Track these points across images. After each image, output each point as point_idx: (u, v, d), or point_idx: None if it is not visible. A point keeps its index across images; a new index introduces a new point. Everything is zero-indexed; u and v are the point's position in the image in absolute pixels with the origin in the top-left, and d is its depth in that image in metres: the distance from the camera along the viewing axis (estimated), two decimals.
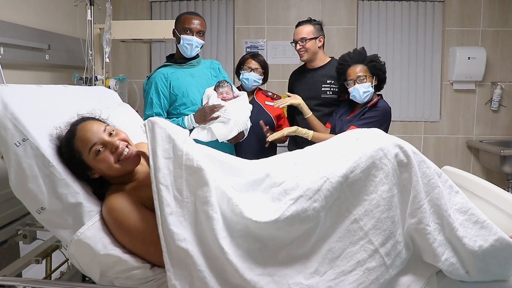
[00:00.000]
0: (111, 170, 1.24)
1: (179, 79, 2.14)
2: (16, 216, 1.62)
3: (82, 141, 1.22)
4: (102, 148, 1.22)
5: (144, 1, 3.88)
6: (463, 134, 3.84)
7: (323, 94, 2.34)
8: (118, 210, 1.18)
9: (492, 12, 3.70)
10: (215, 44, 3.89)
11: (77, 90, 1.60)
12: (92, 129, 1.24)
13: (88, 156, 1.22)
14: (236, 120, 2.04)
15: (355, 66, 2.10)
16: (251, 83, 2.34)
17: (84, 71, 2.61)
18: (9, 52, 2.36)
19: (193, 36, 2.13)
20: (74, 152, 1.22)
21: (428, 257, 1.13)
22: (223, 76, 2.32)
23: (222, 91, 2.12)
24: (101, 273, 1.16)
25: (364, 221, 1.12)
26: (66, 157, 1.23)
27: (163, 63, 2.25)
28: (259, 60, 2.36)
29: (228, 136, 2.04)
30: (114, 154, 1.24)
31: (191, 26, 2.12)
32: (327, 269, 1.11)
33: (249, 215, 1.11)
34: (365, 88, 2.06)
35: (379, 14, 3.79)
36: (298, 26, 2.37)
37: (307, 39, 2.30)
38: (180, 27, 2.15)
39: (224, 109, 2.03)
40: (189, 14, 2.17)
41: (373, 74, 2.09)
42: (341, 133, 1.39)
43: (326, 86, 2.33)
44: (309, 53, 2.34)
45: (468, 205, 1.17)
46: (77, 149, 1.22)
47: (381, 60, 2.13)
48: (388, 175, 1.14)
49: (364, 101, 2.10)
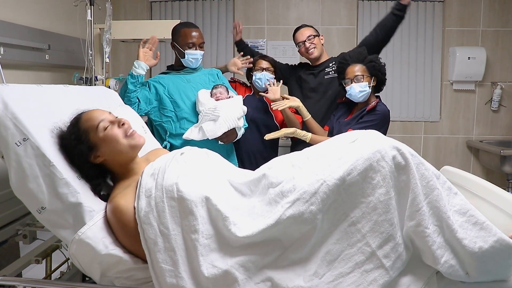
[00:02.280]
0: (119, 146, 1.26)
1: (175, 83, 2.16)
2: (16, 216, 1.62)
3: (89, 120, 1.27)
4: (109, 125, 1.27)
5: (144, 1, 3.88)
6: (463, 134, 3.84)
7: (326, 75, 2.41)
8: (124, 212, 1.18)
9: (492, 12, 3.70)
10: (215, 44, 3.88)
11: (77, 90, 1.60)
12: (97, 111, 1.31)
13: (95, 133, 1.25)
14: (225, 117, 2.04)
15: (354, 65, 2.09)
16: (264, 82, 2.35)
17: (84, 71, 2.60)
18: (9, 52, 2.36)
19: (197, 50, 2.15)
20: (81, 133, 1.25)
21: (427, 259, 1.13)
22: (223, 82, 2.32)
23: (216, 92, 2.14)
24: (102, 273, 1.17)
25: (362, 224, 1.12)
26: (69, 142, 1.24)
27: (163, 71, 2.29)
28: (269, 60, 2.41)
29: (217, 132, 2.03)
30: (121, 129, 1.28)
31: (194, 41, 2.14)
32: (326, 271, 1.11)
33: (246, 233, 1.11)
34: (361, 88, 2.05)
35: (379, 14, 3.78)
36: (299, 29, 2.47)
37: (313, 35, 2.42)
38: (182, 42, 2.15)
39: (215, 107, 2.04)
40: (188, 27, 2.18)
41: (372, 75, 2.08)
42: (339, 135, 1.39)
43: (328, 69, 2.41)
44: (318, 49, 2.43)
45: (467, 207, 1.17)
46: (83, 129, 1.25)
47: (381, 61, 2.13)
48: (386, 177, 1.13)
49: (360, 100, 2.09)
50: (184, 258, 1.11)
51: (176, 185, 1.17)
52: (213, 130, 2.02)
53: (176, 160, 1.28)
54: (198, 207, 1.15)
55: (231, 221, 1.13)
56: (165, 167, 1.24)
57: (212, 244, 1.12)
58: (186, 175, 1.22)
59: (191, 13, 3.85)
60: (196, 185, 1.19)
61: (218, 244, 1.13)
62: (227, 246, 1.13)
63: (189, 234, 1.12)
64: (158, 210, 1.14)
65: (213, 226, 1.14)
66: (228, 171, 1.38)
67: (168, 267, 1.09)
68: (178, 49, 2.18)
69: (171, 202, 1.16)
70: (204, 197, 1.16)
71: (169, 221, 1.13)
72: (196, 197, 1.16)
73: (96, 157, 1.27)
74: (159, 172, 1.23)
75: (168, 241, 1.11)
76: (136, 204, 1.18)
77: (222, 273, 1.08)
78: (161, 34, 2.57)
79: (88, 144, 1.25)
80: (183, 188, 1.16)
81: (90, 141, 1.25)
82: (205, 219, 1.14)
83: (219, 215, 1.14)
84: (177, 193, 1.16)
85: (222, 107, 2.05)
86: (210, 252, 1.11)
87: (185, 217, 1.14)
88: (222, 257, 1.11)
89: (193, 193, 1.16)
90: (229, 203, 1.20)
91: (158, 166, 1.26)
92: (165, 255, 1.11)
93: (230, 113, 2.06)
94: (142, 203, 1.16)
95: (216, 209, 1.14)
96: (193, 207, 1.14)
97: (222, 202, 1.17)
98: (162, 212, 1.14)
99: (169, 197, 1.16)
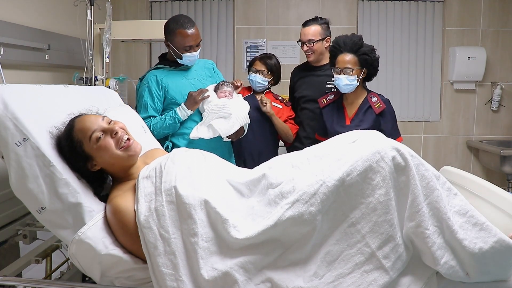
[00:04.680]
0: (114, 157, 1.25)
1: (174, 82, 2.11)
2: (16, 216, 1.62)
3: (81, 130, 1.24)
4: (102, 135, 1.24)
5: (144, 1, 3.88)
6: (463, 134, 3.84)
7: (326, 91, 2.34)
8: (123, 212, 1.18)
9: (492, 12, 3.70)
10: (215, 44, 3.88)
11: (77, 90, 1.60)
12: (90, 119, 1.27)
13: (89, 144, 1.23)
14: (237, 114, 2.04)
15: (345, 54, 2.04)
16: (255, 84, 2.35)
17: (84, 71, 2.60)
18: (9, 52, 2.36)
19: (195, 52, 2.07)
20: (75, 144, 1.23)
21: (427, 260, 1.13)
22: (218, 76, 2.31)
23: (226, 91, 2.12)
24: (102, 273, 1.17)
25: (361, 225, 1.12)
26: (66, 151, 1.23)
27: (156, 65, 2.19)
28: (265, 63, 2.35)
29: (231, 130, 2.03)
30: (114, 139, 1.26)
31: (192, 43, 2.03)
32: (326, 271, 1.11)
33: (245, 234, 1.11)
34: (349, 81, 2.03)
35: (379, 14, 3.79)
36: (305, 25, 2.38)
37: (314, 41, 2.32)
38: (178, 44, 2.03)
39: (223, 104, 2.02)
40: (184, 28, 2.01)
41: (363, 67, 2.04)
42: (339, 135, 1.38)
43: (330, 84, 2.34)
44: (316, 55, 2.37)
45: (467, 207, 1.16)
46: (77, 140, 1.23)
47: (375, 54, 2.07)
48: (385, 178, 1.13)
49: (345, 92, 2.08)
50: (184, 262, 1.11)
51: (175, 189, 1.17)
52: (227, 128, 2.02)
53: (173, 162, 1.28)
54: (197, 210, 1.14)
55: (231, 224, 1.13)
56: (162, 169, 1.24)
57: (212, 247, 1.12)
58: (184, 177, 1.22)
59: (191, 13, 3.84)
60: (194, 188, 1.19)
61: (218, 246, 1.13)
62: (226, 248, 1.12)
63: (188, 237, 1.12)
64: (158, 214, 1.14)
65: (213, 229, 1.14)
66: (226, 171, 1.38)
67: (168, 271, 1.09)
68: (174, 51, 2.06)
69: (171, 205, 1.16)
70: (203, 200, 1.16)
71: (169, 224, 1.13)
72: (195, 201, 1.16)
73: (93, 166, 1.27)
74: (156, 175, 1.23)
75: (168, 244, 1.11)
76: (136, 207, 1.18)
77: (222, 275, 1.08)
78: (161, 34, 2.57)
79: (83, 154, 1.24)
80: (181, 192, 1.16)
81: (85, 152, 1.24)
82: (204, 222, 1.14)
83: (218, 218, 1.14)
84: (176, 196, 1.16)
85: (232, 104, 2.04)
86: (210, 255, 1.11)
87: (184, 220, 1.14)
88: (222, 259, 1.11)
89: (192, 197, 1.16)
90: (228, 204, 1.20)
91: (154, 168, 1.26)
92: (165, 258, 1.10)
93: (241, 110, 2.07)
94: (142, 207, 1.16)
95: (215, 211, 1.14)
96: (191, 210, 1.14)
97: (221, 204, 1.17)
98: (162, 216, 1.14)
99: (168, 201, 1.16)
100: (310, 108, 2.39)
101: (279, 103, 2.42)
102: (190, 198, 1.16)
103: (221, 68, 3.85)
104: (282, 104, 2.42)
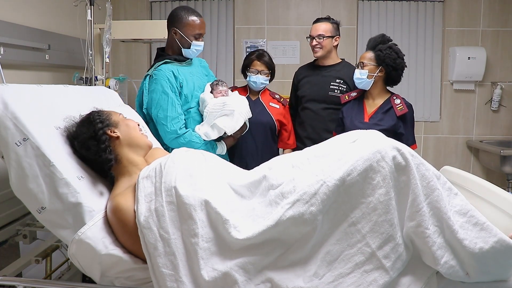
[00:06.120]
0: (135, 137, 1.37)
1: (187, 79, 2.06)
2: (16, 216, 1.62)
3: (110, 112, 1.40)
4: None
5: (144, 1, 3.88)
6: (463, 134, 3.84)
7: (330, 91, 2.35)
8: (124, 211, 1.18)
9: (492, 12, 3.69)
10: (215, 44, 3.88)
11: (77, 90, 1.60)
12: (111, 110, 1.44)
13: (117, 116, 1.39)
14: (240, 110, 2.04)
15: (368, 51, 2.12)
16: (259, 85, 2.33)
17: (84, 71, 2.60)
18: (9, 52, 2.36)
19: (202, 42, 2.07)
20: (103, 114, 1.36)
21: (427, 259, 1.13)
22: (211, 75, 2.30)
23: (221, 90, 2.11)
24: (102, 273, 1.17)
25: (362, 224, 1.12)
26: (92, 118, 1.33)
27: (164, 59, 2.07)
28: (264, 62, 2.32)
29: (236, 127, 2.03)
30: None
31: (202, 31, 2.03)
32: (326, 271, 1.11)
33: (246, 235, 1.11)
34: (359, 75, 2.07)
35: (379, 14, 3.78)
36: (317, 22, 2.41)
37: (324, 36, 2.35)
38: (189, 32, 2.01)
39: (223, 102, 2.01)
40: (196, 15, 2.03)
41: (379, 64, 2.07)
42: (339, 135, 1.39)
43: (335, 85, 2.36)
44: (323, 50, 2.38)
45: (468, 207, 1.17)
46: (107, 113, 1.38)
47: (394, 50, 2.06)
48: (386, 178, 1.13)
49: (358, 87, 2.13)
50: (184, 262, 1.11)
51: (175, 189, 1.17)
52: (232, 125, 2.01)
53: (173, 162, 1.28)
54: (197, 211, 1.14)
55: (231, 224, 1.13)
56: (162, 169, 1.24)
57: (212, 247, 1.12)
58: (184, 177, 1.22)
59: None
60: (195, 188, 1.19)
61: (218, 247, 1.13)
62: (227, 248, 1.12)
63: (189, 238, 1.12)
64: (158, 215, 1.14)
65: (213, 230, 1.14)
66: (227, 172, 1.38)
67: (168, 272, 1.09)
68: (183, 38, 2.02)
69: (171, 206, 1.16)
70: (203, 201, 1.16)
71: (169, 225, 1.13)
72: (195, 201, 1.16)
73: (113, 132, 1.32)
74: (156, 176, 1.23)
75: (168, 245, 1.11)
76: (135, 208, 1.18)
77: (222, 275, 1.08)
78: (161, 34, 2.57)
79: (109, 121, 1.33)
80: (182, 192, 1.16)
81: (112, 119, 1.35)
82: (205, 222, 1.14)
83: (219, 218, 1.14)
84: (176, 197, 1.16)
85: (231, 101, 2.04)
86: (211, 256, 1.11)
87: (184, 221, 1.14)
88: (222, 260, 1.11)
89: (192, 197, 1.16)
90: (228, 205, 1.20)
91: (154, 168, 1.26)
92: (166, 259, 1.10)
93: (242, 106, 2.07)
94: (142, 207, 1.16)
95: (216, 212, 1.14)
96: (192, 211, 1.14)
97: (222, 205, 1.17)
98: (162, 217, 1.14)
99: (168, 201, 1.16)
100: (312, 108, 2.40)
101: (277, 102, 2.40)
102: (191, 198, 1.15)
103: (221, 68, 3.86)
104: (279, 104, 2.39)
